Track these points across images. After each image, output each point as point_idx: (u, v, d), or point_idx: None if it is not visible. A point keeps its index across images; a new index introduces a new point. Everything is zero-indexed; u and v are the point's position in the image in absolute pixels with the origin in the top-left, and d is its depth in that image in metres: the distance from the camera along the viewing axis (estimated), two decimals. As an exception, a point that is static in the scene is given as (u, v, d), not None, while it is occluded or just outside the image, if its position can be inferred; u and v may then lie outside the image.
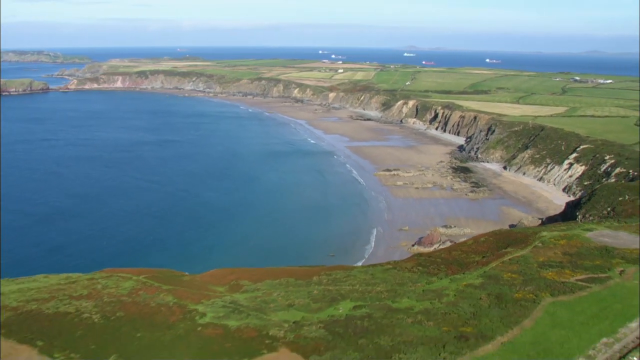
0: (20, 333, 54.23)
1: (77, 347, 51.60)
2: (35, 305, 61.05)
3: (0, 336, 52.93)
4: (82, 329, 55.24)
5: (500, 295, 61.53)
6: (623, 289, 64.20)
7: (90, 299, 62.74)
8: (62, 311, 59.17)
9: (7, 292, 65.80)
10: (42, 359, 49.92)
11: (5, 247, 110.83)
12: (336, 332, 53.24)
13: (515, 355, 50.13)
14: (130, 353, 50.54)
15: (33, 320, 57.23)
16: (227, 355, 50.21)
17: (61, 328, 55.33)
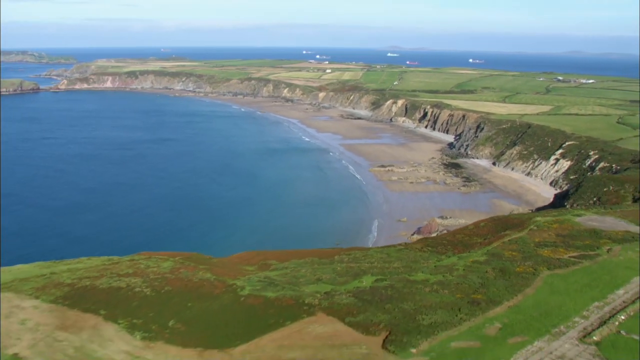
0: (82, 304, 61.07)
1: (137, 315, 58.60)
2: (89, 282, 67.85)
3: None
4: (137, 301, 62.22)
5: (503, 269, 69.46)
6: (610, 264, 72.49)
7: (137, 276, 69.64)
8: (115, 286, 66.06)
9: (59, 272, 72.48)
10: (108, 325, 56.83)
11: (32, 238, 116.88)
12: (364, 299, 60.80)
13: (521, 315, 58.05)
14: (186, 319, 57.63)
15: (90, 293, 64.06)
16: (269, 319, 57.49)
17: (118, 300, 62.26)
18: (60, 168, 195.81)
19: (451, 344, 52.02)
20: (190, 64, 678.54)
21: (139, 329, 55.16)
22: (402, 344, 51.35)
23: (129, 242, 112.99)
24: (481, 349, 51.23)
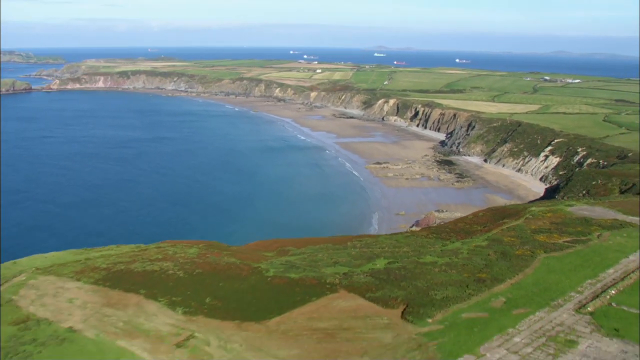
0: (122, 285, 66.58)
1: (175, 293, 64.22)
2: (123, 266, 73.34)
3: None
4: (172, 282, 67.84)
5: (504, 252, 75.85)
6: (601, 248, 79.16)
7: (167, 261, 75.23)
8: (149, 269, 71.62)
9: (93, 258, 77.86)
10: (150, 302, 62.39)
11: (51, 232, 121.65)
12: (381, 278, 66.88)
13: (522, 291, 64.42)
14: (220, 296, 63.34)
15: (127, 276, 69.56)
16: (296, 296, 63.34)
17: (154, 281, 67.82)
18: (64, 165, 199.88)
19: (462, 315, 58.21)
20: (180, 64, 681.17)
21: (179, 305, 60.82)
22: (419, 315, 57.45)
23: (144, 235, 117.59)
24: (489, 318, 57.45)
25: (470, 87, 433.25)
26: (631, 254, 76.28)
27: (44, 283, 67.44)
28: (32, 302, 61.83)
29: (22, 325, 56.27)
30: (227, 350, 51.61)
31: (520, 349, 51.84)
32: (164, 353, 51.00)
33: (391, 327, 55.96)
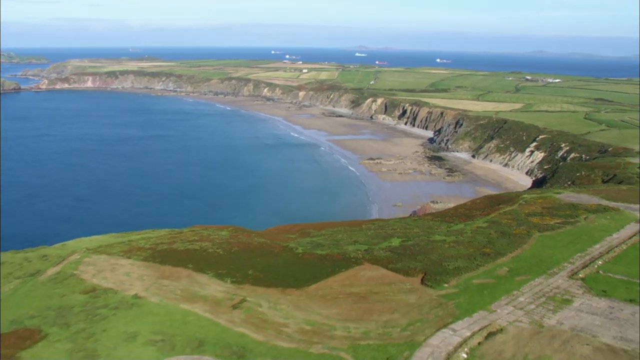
0: (169, 261, 74.89)
1: (219, 267, 72.70)
2: (166, 246, 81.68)
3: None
4: (214, 258, 76.33)
5: (503, 232, 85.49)
6: (588, 228, 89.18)
7: (204, 241, 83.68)
8: (190, 248, 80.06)
9: (135, 240, 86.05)
10: (199, 275, 70.75)
11: (76, 221, 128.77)
12: (398, 253, 76.06)
13: (522, 263, 73.94)
14: (260, 269, 71.98)
15: (172, 254, 77.89)
16: (327, 268, 72.17)
17: (198, 258, 76.23)
18: (71, 162, 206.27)
19: (473, 281, 67.59)
20: (167, 64, 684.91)
21: (227, 276, 69.41)
22: (436, 281, 66.71)
23: (163, 225, 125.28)
24: (496, 283, 66.89)
25: (455, 86, 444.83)
26: (614, 233, 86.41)
27: (98, 260, 75.53)
28: (94, 276, 69.99)
29: (91, 294, 64.48)
30: (277, 310, 60.39)
31: (525, 306, 61.31)
32: (223, 313, 59.59)
33: (414, 291, 65.18)
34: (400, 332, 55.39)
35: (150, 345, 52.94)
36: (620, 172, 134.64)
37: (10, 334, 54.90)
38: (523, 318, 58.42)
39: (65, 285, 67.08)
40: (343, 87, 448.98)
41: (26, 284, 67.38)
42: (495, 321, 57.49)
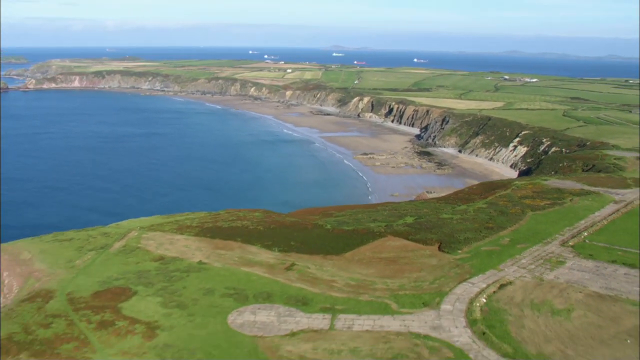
0: (219, 236, 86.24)
1: (264, 240, 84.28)
2: (210, 224, 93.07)
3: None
4: (257, 233, 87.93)
5: (501, 211, 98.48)
6: (574, 207, 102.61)
7: (242, 220, 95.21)
8: (233, 226, 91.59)
9: (180, 220, 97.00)
10: (249, 246, 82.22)
11: (108, 210, 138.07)
12: (415, 227, 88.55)
13: (521, 234, 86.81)
14: (300, 241, 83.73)
15: (218, 230, 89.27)
16: (356, 240, 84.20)
17: (242, 233, 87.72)
18: (80, 158, 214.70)
19: (481, 248, 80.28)
20: (150, 64, 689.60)
21: (273, 247, 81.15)
22: (451, 248, 79.26)
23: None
24: (501, 250, 79.65)
25: (436, 85, 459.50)
26: (596, 211, 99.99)
27: (156, 236, 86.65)
28: (157, 248, 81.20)
29: (161, 262, 75.74)
30: (324, 271, 72.39)
31: (527, 266, 74.18)
32: (279, 274, 71.39)
33: (433, 256, 77.71)
34: (429, 285, 67.84)
35: (227, 297, 64.60)
36: (599, 163, 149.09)
37: (105, 291, 66.07)
38: (526, 274, 71.29)
39: (135, 255, 78.22)
40: (328, 86, 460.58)
41: (100, 255, 78.30)
42: (504, 277, 70.26)
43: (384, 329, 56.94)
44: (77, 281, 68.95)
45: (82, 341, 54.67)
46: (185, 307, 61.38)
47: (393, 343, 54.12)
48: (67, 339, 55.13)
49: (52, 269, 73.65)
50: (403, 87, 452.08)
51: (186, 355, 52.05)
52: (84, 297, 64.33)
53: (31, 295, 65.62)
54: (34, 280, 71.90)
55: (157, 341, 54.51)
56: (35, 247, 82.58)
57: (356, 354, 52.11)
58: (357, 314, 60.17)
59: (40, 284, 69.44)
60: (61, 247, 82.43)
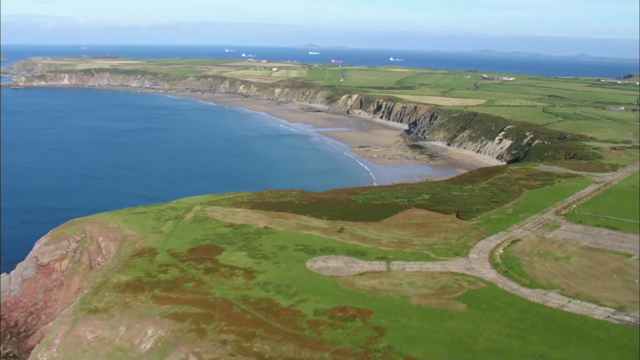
0: (272, 209, 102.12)
1: (312, 212, 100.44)
2: (259, 200, 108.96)
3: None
4: (302, 207, 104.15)
5: (502, 189, 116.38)
6: (562, 187, 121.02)
7: (286, 197, 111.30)
8: (280, 201, 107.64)
9: (232, 197, 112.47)
10: (300, 216, 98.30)
11: (147, 196, 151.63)
12: (433, 201, 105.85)
13: (521, 207, 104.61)
14: (341, 212, 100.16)
15: (269, 205, 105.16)
16: (387, 211, 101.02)
17: (290, 206, 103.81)
18: (94, 151, 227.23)
19: (491, 216, 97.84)
20: (135, 62, 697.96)
21: (322, 216, 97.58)
22: (467, 216, 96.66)
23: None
24: (507, 218, 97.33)
25: (419, 84, 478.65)
26: (581, 190, 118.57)
27: (217, 209, 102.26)
28: (224, 217, 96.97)
29: (232, 227, 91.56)
30: (369, 232, 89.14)
31: (530, 228, 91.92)
32: (333, 235, 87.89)
33: (454, 222, 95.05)
34: (456, 241, 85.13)
35: (299, 251, 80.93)
36: (579, 152, 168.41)
37: (197, 248, 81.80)
38: (531, 234, 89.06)
39: (208, 222, 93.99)
40: (315, 84, 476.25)
41: (179, 223, 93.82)
42: (514, 236, 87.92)
43: (429, 270, 74.01)
44: (170, 242, 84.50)
45: (197, 281, 70.56)
46: (269, 258, 77.56)
47: (439, 279, 71.19)
48: (185, 280, 70.97)
49: (142, 234, 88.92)
50: (387, 85, 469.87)
51: (284, 288, 68.26)
52: (182, 252, 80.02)
53: (137, 252, 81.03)
54: (129, 243, 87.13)
55: (257, 280, 70.64)
56: (117, 218, 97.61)
57: (413, 286, 69.05)
58: (406, 260, 77.10)
59: (139, 244, 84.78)
60: (140, 218, 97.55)
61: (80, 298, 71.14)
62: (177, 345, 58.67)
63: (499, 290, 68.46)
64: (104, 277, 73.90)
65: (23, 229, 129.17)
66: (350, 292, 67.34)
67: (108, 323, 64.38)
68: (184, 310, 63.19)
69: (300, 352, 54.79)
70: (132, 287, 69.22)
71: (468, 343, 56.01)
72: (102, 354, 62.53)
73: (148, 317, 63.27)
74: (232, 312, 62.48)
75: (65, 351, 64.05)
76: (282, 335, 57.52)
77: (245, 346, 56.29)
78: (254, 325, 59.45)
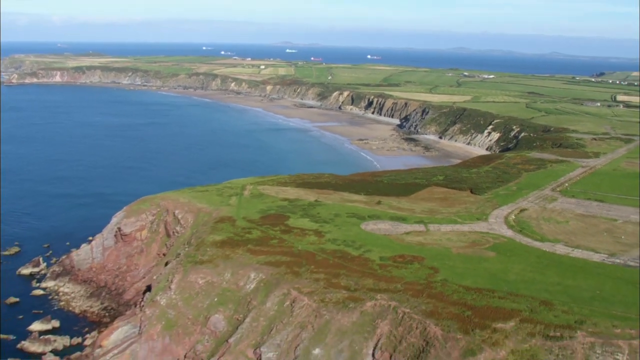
0: (314, 187, 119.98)
1: (349, 189, 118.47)
2: (301, 180, 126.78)
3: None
4: (339, 185, 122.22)
5: (504, 171, 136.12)
6: (554, 170, 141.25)
7: (320, 179, 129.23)
8: (318, 181, 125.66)
9: (275, 178, 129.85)
10: (341, 192, 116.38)
11: (187, 182, 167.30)
12: (448, 180, 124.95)
13: (523, 185, 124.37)
14: (373, 189, 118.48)
15: (309, 184, 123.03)
16: (412, 188, 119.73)
17: (329, 186, 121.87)
18: (114, 144, 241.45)
19: (499, 192, 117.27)
20: (121, 60, 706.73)
21: (359, 192, 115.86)
22: (479, 192, 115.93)
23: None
24: (513, 193, 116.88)
25: (404, 81, 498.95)
26: (570, 172, 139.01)
27: (267, 188, 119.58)
28: (277, 193, 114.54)
29: (288, 201, 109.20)
30: (403, 204, 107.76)
31: (533, 201, 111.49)
32: (374, 206, 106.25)
33: (470, 196, 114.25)
34: (475, 210, 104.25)
35: (350, 217, 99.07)
36: (564, 142, 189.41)
37: (267, 216, 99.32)
38: (535, 205, 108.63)
39: (265, 198, 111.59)
40: (305, 82, 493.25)
41: (241, 198, 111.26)
42: (521, 206, 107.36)
43: (460, 230, 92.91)
44: (242, 212, 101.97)
45: (279, 239, 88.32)
46: (329, 222, 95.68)
47: (469, 236, 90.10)
48: (269, 238, 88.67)
49: (214, 207, 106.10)
50: (374, 82, 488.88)
51: (350, 243, 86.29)
52: (256, 219, 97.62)
53: (218, 220, 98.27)
54: (205, 214, 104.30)
55: (326, 238, 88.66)
56: (185, 195, 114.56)
57: (450, 240, 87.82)
58: (439, 224, 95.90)
59: (215, 214, 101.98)
60: (204, 195, 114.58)
61: (184, 254, 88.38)
62: (279, 283, 76.31)
63: (517, 243, 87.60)
64: (199, 238, 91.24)
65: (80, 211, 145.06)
66: (403, 245, 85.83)
67: (215, 271, 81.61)
68: (276, 259, 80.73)
69: (378, 284, 72.87)
70: (228, 243, 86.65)
71: (502, 276, 74.84)
72: (213, 294, 79.83)
73: (248, 265, 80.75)
74: (316, 259, 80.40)
75: (181, 293, 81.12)
76: (361, 273, 75.68)
77: (334, 282, 74.13)
78: (337, 267, 77.50)
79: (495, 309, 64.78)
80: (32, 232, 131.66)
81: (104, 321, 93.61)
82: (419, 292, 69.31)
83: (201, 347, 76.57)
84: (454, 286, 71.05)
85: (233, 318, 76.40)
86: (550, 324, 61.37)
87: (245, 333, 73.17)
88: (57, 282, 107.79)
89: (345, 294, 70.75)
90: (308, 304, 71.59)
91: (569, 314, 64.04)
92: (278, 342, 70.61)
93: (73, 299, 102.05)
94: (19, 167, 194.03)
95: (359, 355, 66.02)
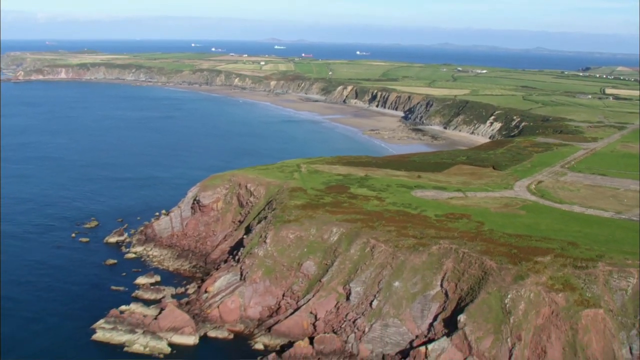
0: (362, 165, 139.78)
1: (390, 167, 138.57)
2: (346, 160, 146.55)
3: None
4: (380, 164, 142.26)
5: (517, 153, 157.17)
6: (560, 152, 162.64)
7: (361, 159, 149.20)
8: (360, 161, 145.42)
9: (323, 158, 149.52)
10: (384, 169, 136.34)
11: (226, 166, 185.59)
12: (471, 159, 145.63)
13: (535, 163, 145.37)
14: (411, 167, 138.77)
15: (358, 163, 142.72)
16: (443, 165, 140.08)
17: (371, 164, 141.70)
18: (143, 135, 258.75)
19: (517, 169, 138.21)
20: (121, 57, 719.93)
21: (400, 169, 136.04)
22: (501, 168, 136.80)
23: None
24: (529, 169, 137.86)
25: (402, 76, 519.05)
26: (574, 153, 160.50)
27: (319, 166, 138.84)
28: (330, 170, 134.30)
29: (342, 175, 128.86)
30: (439, 178, 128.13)
31: (547, 175, 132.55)
32: (416, 179, 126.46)
33: (493, 172, 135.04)
34: (501, 181, 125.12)
35: (400, 187, 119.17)
36: (564, 129, 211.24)
37: (330, 187, 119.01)
38: (549, 178, 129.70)
39: (321, 173, 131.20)
40: (307, 77, 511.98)
41: (301, 174, 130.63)
42: (538, 178, 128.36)
43: (493, 196, 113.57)
44: (308, 184, 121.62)
45: (349, 203, 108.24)
46: (384, 190, 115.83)
47: (501, 200, 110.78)
48: (340, 202, 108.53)
49: (281, 181, 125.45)
50: (374, 77, 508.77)
51: (408, 205, 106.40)
52: (322, 189, 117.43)
53: (291, 190, 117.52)
54: (275, 187, 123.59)
55: (387, 202, 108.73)
56: (251, 172, 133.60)
57: (487, 203, 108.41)
58: (474, 191, 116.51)
59: (286, 186, 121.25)
60: (267, 172, 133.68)
61: (272, 215, 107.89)
62: (358, 235, 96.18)
63: (541, 205, 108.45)
64: (282, 203, 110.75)
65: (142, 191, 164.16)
66: (450, 206, 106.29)
67: (302, 227, 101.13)
68: (352, 217, 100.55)
69: (439, 233, 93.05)
70: (308, 206, 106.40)
71: (535, 227, 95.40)
72: (302, 245, 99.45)
73: (329, 223, 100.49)
74: (385, 216, 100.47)
75: (275, 246, 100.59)
76: (424, 225, 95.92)
77: (404, 232, 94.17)
78: (403, 222, 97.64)
79: (535, 248, 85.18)
80: (106, 208, 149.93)
81: (196, 276, 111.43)
82: (473, 238, 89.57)
83: (297, 287, 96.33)
84: (499, 233, 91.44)
85: (322, 263, 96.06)
86: (577, 258, 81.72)
87: (334, 274, 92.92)
88: (144, 247, 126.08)
89: (414, 240, 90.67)
90: (385, 249, 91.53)
91: (591, 251, 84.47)
92: (363, 279, 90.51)
93: (164, 260, 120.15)
94: (66, 156, 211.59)
95: (430, 285, 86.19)
